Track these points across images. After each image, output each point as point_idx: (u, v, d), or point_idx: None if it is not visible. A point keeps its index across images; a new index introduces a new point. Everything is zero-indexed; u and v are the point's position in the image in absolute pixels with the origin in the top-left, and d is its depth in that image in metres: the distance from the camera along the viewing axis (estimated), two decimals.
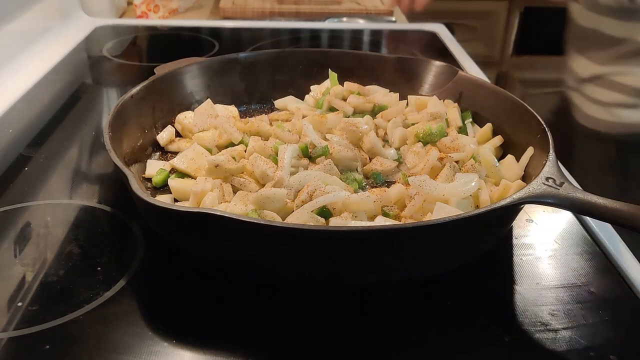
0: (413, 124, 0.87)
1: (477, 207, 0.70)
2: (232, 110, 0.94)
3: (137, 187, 0.61)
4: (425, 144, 0.82)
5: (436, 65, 0.96)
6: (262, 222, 0.57)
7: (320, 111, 0.92)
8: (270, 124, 0.90)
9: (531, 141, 0.76)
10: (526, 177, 0.75)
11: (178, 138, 0.88)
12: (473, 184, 0.69)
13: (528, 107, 0.79)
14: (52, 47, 1.30)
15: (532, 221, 0.75)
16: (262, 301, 0.62)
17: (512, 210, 0.60)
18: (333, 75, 0.97)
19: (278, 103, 0.98)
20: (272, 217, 0.65)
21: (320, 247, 0.59)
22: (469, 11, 2.73)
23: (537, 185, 0.62)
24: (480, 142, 0.83)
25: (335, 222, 0.65)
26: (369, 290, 0.63)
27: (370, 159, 0.83)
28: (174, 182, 0.75)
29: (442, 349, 0.57)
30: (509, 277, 0.67)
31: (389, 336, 0.58)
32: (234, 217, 0.56)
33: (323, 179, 0.72)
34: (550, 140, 0.70)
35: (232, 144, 0.84)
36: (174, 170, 0.78)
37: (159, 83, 0.88)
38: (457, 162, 0.76)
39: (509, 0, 2.73)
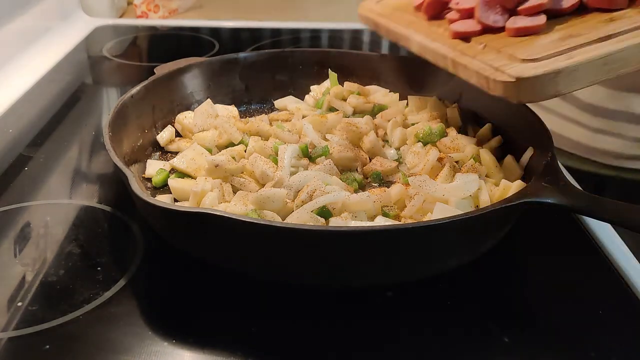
0: (413, 124, 0.87)
1: (477, 207, 0.70)
2: (232, 110, 0.94)
3: (137, 187, 0.61)
4: (425, 144, 0.82)
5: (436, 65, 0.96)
6: (262, 222, 0.57)
7: (320, 111, 0.92)
8: (270, 124, 0.89)
9: (531, 141, 0.76)
10: (526, 177, 0.75)
11: (178, 138, 0.88)
12: (473, 184, 0.69)
13: (528, 107, 0.79)
14: (52, 47, 1.30)
15: (533, 221, 0.75)
16: (262, 301, 0.62)
17: (512, 210, 0.60)
18: (333, 75, 0.97)
19: (278, 103, 0.98)
20: (272, 217, 0.65)
21: (320, 247, 0.59)
22: None
23: (537, 185, 0.62)
24: (480, 142, 0.83)
25: (335, 222, 0.65)
26: (369, 290, 0.63)
27: (370, 159, 0.83)
28: (174, 182, 0.75)
29: (442, 349, 0.57)
30: (509, 277, 0.67)
31: (389, 336, 0.58)
32: (234, 217, 0.56)
33: (323, 179, 0.72)
34: (551, 140, 0.70)
35: (232, 144, 0.84)
36: (174, 170, 0.78)
37: (159, 83, 0.88)
38: (457, 162, 0.76)
39: None
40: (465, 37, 0.76)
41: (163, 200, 0.72)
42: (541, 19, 0.71)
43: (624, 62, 0.64)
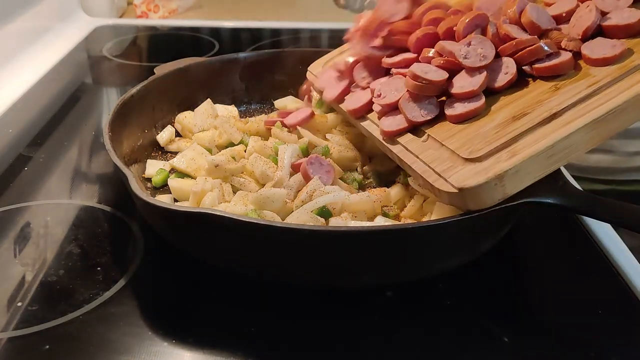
0: None
1: None
2: (232, 110, 0.94)
3: (136, 187, 0.61)
4: None
5: None
6: (262, 222, 0.57)
7: (320, 111, 0.92)
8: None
9: None
10: None
11: (178, 138, 0.88)
12: None
13: None
14: (52, 47, 1.30)
15: (532, 221, 0.75)
16: (262, 301, 0.62)
17: (512, 210, 0.60)
18: None
19: (278, 103, 0.98)
20: (272, 217, 0.65)
21: (320, 247, 0.59)
22: None
23: (537, 186, 0.61)
24: None
25: (335, 222, 0.65)
26: (369, 290, 0.63)
27: (370, 159, 0.83)
28: (173, 182, 0.75)
29: (441, 349, 0.57)
30: (509, 277, 0.67)
31: (389, 336, 0.58)
32: (233, 217, 0.56)
33: None
34: None
35: (232, 144, 0.84)
36: (173, 170, 0.78)
37: (159, 83, 0.88)
38: None
39: None
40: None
41: (163, 200, 0.72)
42: (480, 101, 0.63)
43: (571, 149, 0.58)
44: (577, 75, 0.62)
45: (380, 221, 0.67)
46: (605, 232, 0.73)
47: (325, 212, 0.66)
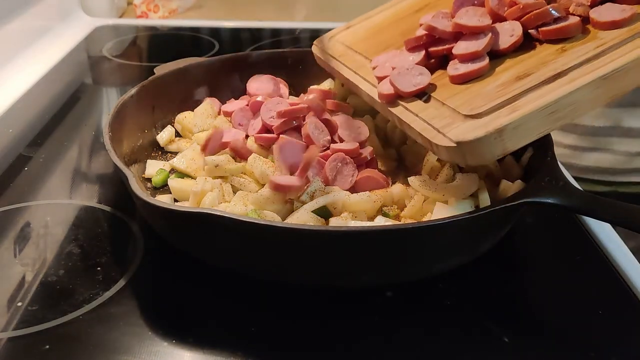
0: None
1: (477, 207, 0.70)
2: None
3: (136, 187, 0.61)
4: None
5: None
6: (262, 222, 0.57)
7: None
8: None
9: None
10: (526, 177, 0.75)
11: (178, 138, 0.88)
12: (473, 184, 0.69)
13: None
14: (52, 47, 1.30)
15: (532, 221, 0.75)
16: (262, 301, 0.62)
17: (512, 210, 0.60)
18: None
19: None
20: (272, 217, 0.65)
21: (320, 247, 0.59)
22: None
23: (537, 185, 0.62)
24: None
25: (335, 222, 0.65)
26: (368, 290, 0.63)
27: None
28: (173, 182, 0.75)
29: (441, 350, 0.57)
30: (509, 277, 0.67)
31: (389, 336, 0.58)
32: (234, 217, 0.56)
33: None
34: (551, 140, 0.70)
35: None
36: (173, 170, 0.78)
37: (159, 83, 0.88)
38: None
39: None
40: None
41: (163, 200, 0.72)
42: (483, 61, 0.64)
43: (574, 107, 0.57)
44: (584, 38, 0.62)
45: (380, 221, 0.67)
46: (605, 232, 0.73)
47: (325, 212, 0.66)
